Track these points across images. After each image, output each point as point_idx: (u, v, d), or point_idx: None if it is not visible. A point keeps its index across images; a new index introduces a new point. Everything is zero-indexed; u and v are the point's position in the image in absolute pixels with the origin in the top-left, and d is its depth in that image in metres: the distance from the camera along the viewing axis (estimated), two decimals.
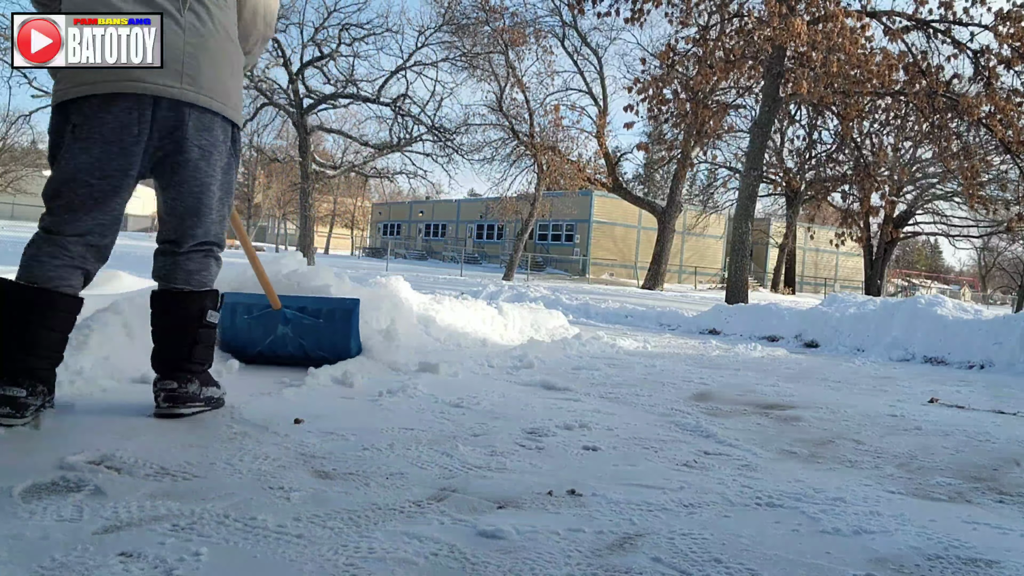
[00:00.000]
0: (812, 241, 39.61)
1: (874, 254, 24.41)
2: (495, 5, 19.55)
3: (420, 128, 19.61)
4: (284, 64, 18.99)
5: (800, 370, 4.61)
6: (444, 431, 2.22)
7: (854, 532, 1.54)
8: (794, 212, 26.93)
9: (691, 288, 29.58)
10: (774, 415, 2.91)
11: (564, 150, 21.05)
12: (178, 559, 1.18)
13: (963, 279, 54.60)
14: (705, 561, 1.33)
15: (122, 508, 1.38)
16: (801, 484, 1.88)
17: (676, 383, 3.59)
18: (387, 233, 51.73)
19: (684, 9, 12.81)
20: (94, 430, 1.91)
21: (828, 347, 6.18)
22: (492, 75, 20.48)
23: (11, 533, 1.23)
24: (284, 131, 25.98)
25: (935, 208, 27.82)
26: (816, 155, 24.14)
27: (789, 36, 10.90)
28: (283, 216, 49.34)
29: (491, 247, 41.65)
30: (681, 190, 24.56)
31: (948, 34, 12.22)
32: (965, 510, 1.77)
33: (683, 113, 13.59)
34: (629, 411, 2.77)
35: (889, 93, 12.66)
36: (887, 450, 2.38)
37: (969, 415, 3.21)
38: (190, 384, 2.15)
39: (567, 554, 1.32)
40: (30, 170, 44.77)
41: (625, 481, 1.81)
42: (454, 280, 16.45)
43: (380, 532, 1.36)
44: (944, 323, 5.74)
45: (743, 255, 13.76)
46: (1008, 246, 39.78)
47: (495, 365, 3.66)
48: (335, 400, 2.58)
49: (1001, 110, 11.42)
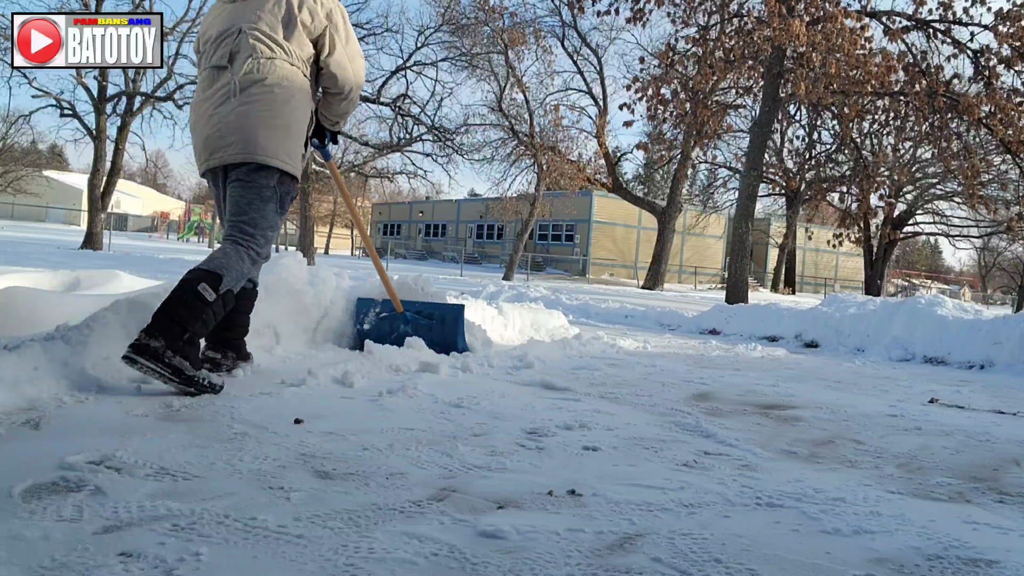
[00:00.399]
0: (812, 241, 39.62)
1: (874, 254, 24.41)
2: (495, 5, 19.56)
3: (420, 128, 19.63)
4: None
5: (800, 370, 4.61)
6: (444, 431, 2.22)
7: (854, 532, 1.54)
8: (794, 212, 26.94)
9: (691, 288, 29.59)
10: (774, 415, 2.91)
11: (564, 150, 21.06)
12: (178, 559, 1.18)
13: (963, 279, 54.60)
14: (705, 561, 1.33)
15: (122, 508, 1.38)
16: (801, 484, 1.88)
17: (676, 383, 3.59)
18: (387, 233, 51.74)
19: (686, 9, 12.81)
20: (94, 430, 1.91)
21: (828, 347, 6.19)
22: (492, 75, 20.50)
23: (11, 533, 1.23)
24: None
25: (935, 208, 27.83)
26: (816, 155, 24.17)
27: (788, 36, 10.90)
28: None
29: (491, 247, 41.65)
30: (681, 190, 24.56)
31: (948, 34, 12.22)
32: (965, 510, 1.77)
33: (683, 113, 13.59)
34: (629, 411, 2.77)
35: (889, 93, 12.65)
36: (887, 450, 2.38)
37: (969, 415, 3.21)
38: (153, 340, 2.25)
39: (567, 554, 1.32)
40: (30, 170, 44.74)
41: (625, 481, 1.81)
42: (454, 280, 16.45)
43: (380, 532, 1.36)
44: (944, 323, 5.74)
45: (743, 255, 13.76)
46: (1008, 246, 39.78)
47: (495, 365, 3.66)
48: (335, 400, 2.58)
49: (1002, 109, 11.42)
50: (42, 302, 3.21)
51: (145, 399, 2.27)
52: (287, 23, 2.72)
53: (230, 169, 2.69)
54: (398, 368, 3.27)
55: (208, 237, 34.63)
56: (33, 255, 12.89)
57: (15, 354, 2.30)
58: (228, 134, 2.63)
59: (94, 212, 20.03)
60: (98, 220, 19.98)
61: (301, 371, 2.91)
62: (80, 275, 4.77)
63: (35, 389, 2.18)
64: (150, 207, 58.06)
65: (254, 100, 2.63)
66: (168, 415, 2.15)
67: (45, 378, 2.26)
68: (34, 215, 48.30)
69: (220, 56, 2.69)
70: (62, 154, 60.80)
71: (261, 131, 2.63)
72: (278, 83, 2.66)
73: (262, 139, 2.63)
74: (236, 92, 2.63)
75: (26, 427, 1.88)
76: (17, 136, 33.95)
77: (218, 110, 2.65)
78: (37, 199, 46.17)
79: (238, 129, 2.62)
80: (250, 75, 2.64)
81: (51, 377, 2.28)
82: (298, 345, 3.60)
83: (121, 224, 43.34)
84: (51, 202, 49.11)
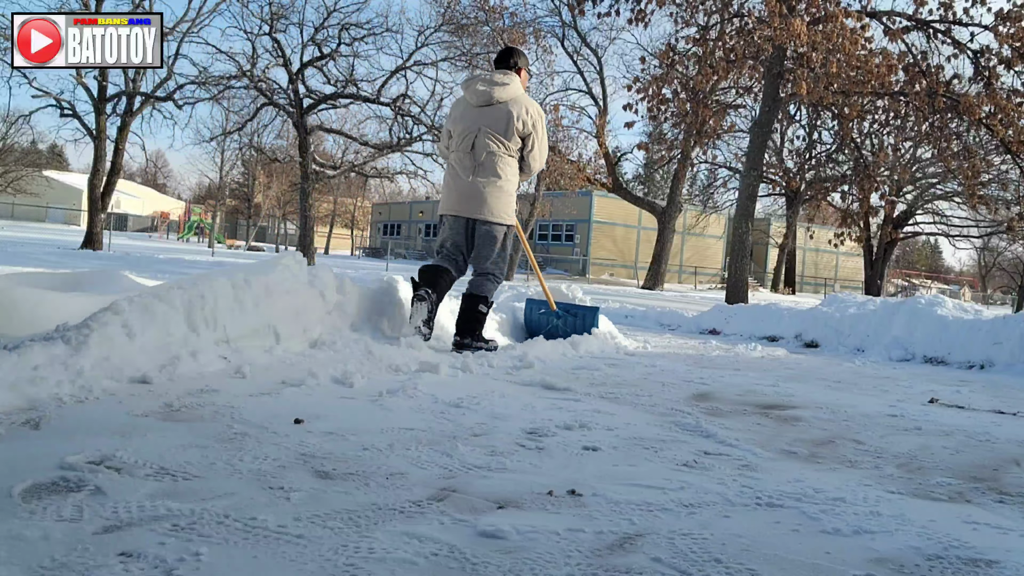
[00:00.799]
0: (812, 241, 39.63)
1: (874, 254, 24.40)
2: (494, 5, 19.55)
3: (420, 128, 19.60)
4: (284, 64, 19.00)
5: (800, 370, 4.61)
6: (444, 431, 2.22)
7: (854, 532, 1.54)
8: (794, 212, 26.93)
9: (691, 288, 29.59)
10: (774, 415, 2.91)
11: (564, 150, 21.04)
12: (178, 559, 1.18)
13: (963, 279, 54.60)
14: (705, 561, 1.33)
15: (122, 508, 1.38)
16: (801, 484, 1.88)
17: (676, 383, 3.59)
18: (387, 233, 51.71)
19: (687, 9, 12.80)
20: (94, 430, 1.91)
21: (828, 347, 6.18)
22: None
23: (11, 533, 1.23)
24: (284, 131, 25.99)
25: (935, 208, 27.81)
26: (816, 155, 24.16)
27: (789, 36, 10.89)
28: (283, 216, 49.34)
29: None
30: (681, 190, 24.56)
31: (948, 34, 12.21)
32: (965, 510, 1.77)
33: (683, 113, 13.58)
34: (629, 411, 2.77)
35: (889, 93, 12.65)
36: (887, 450, 2.38)
37: (969, 415, 3.21)
38: (465, 338, 4.13)
39: (567, 554, 1.32)
40: (30, 170, 44.75)
41: (625, 481, 1.81)
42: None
43: (380, 532, 1.36)
44: (944, 323, 5.74)
45: (743, 255, 13.76)
46: (1008, 246, 39.77)
47: (495, 365, 3.66)
48: (335, 400, 2.58)
49: (1002, 110, 11.41)
50: (42, 302, 3.21)
51: (145, 399, 2.27)
52: (507, 128, 4.17)
53: (475, 222, 4.24)
54: (398, 368, 3.27)
55: (208, 237, 34.60)
56: (33, 255, 12.89)
57: (15, 354, 2.30)
58: (472, 199, 4.18)
59: (94, 212, 20.03)
60: (98, 220, 19.98)
61: (301, 371, 2.91)
62: (80, 275, 4.77)
63: (35, 389, 2.18)
64: (150, 207, 58.06)
65: (488, 177, 4.17)
66: (168, 415, 2.15)
67: (45, 378, 2.26)
68: (34, 215, 48.30)
69: (466, 144, 4.21)
70: (62, 154, 60.87)
71: (493, 199, 4.18)
72: (502, 167, 4.20)
73: (495, 206, 4.19)
74: (476, 171, 4.18)
75: (26, 427, 1.88)
76: (17, 136, 34.01)
77: (466, 179, 4.20)
78: (37, 199, 46.19)
79: (479, 196, 4.16)
80: (485, 161, 4.17)
81: (51, 377, 2.28)
82: (298, 345, 3.60)
83: (121, 224, 43.36)
84: (51, 202, 49.13)
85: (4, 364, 2.20)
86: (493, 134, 4.15)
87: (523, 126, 4.19)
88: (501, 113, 4.16)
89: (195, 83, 19.84)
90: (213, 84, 19.40)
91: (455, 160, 4.25)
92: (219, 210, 47.81)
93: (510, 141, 4.18)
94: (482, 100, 4.20)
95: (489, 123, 4.17)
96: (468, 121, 4.22)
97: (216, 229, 36.17)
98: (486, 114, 4.18)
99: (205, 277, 3.32)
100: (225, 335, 3.16)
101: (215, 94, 19.88)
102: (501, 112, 4.16)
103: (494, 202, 4.16)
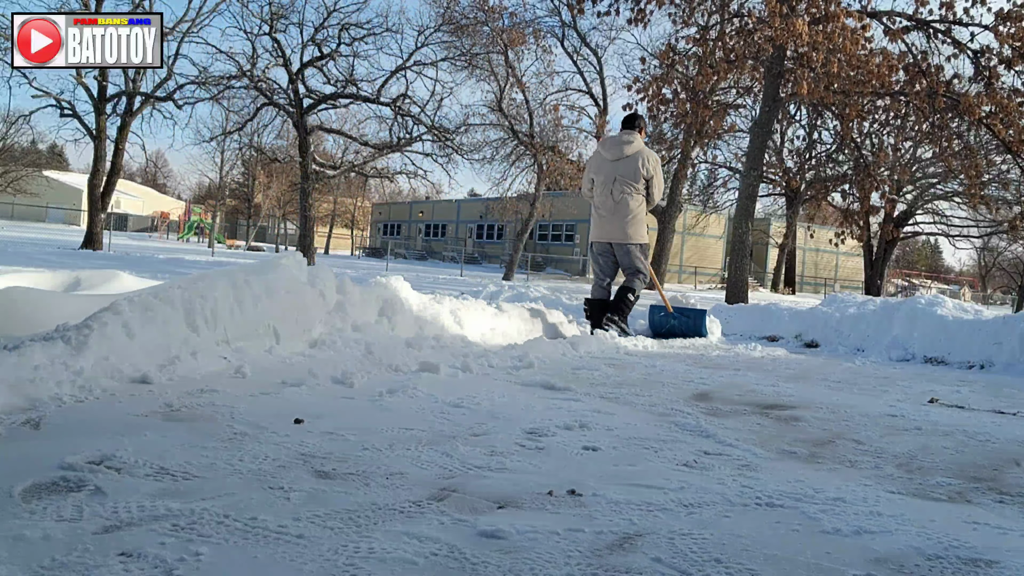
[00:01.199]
0: (812, 241, 39.58)
1: (874, 254, 24.38)
2: (494, 5, 19.54)
3: (420, 128, 19.59)
4: (284, 64, 18.98)
5: (800, 370, 4.61)
6: (444, 431, 2.22)
7: (854, 532, 1.54)
8: (794, 212, 26.91)
9: (691, 288, 29.58)
10: (774, 415, 2.91)
11: (564, 150, 21.04)
12: (178, 559, 1.18)
13: (963, 279, 54.59)
14: (705, 561, 1.33)
15: (122, 508, 1.38)
16: (801, 484, 1.88)
17: (676, 383, 3.59)
18: (387, 233, 51.73)
19: (687, 9, 12.80)
20: (94, 430, 1.91)
21: (828, 347, 6.18)
22: (492, 75, 20.46)
23: (11, 533, 1.23)
24: (284, 131, 25.97)
25: (935, 208, 27.78)
26: (816, 155, 24.14)
27: (789, 36, 10.89)
28: (283, 216, 49.33)
29: (491, 247, 41.64)
30: (681, 190, 24.52)
31: (948, 34, 12.20)
32: (965, 510, 1.77)
33: (683, 113, 13.57)
34: (629, 411, 2.77)
35: (889, 93, 12.64)
36: (887, 450, 2.38)
37: (969, 415, 3.21)
38: (610, 321, 5.64)
39: (567, 554, 1.32)
40: (30, 170, 44.76)
41: (625, 481, 1.81)
42: (454, 280, 16.45)
43: (380, 532, 1.36)
44: (944, 323, 5.74)
45: (743, 255, 13.75)
46: (1008, 246, 39.76)
47: (495, 365, 3.66)
48: (335, 400, 2.57)
49: (1003, 109, 11.40)
50: (42, 302, 3.21)
51: (145, 399, 2.27)
52: (635, 174, 5.76)
53: (616, 244, 5.87)
54: (398, 368, 3.27)
55: (208, 237, 34.59)
56: (33, 255, 12.89)
57: (15, 354, 2.30)
58: (615, 228, 5.83)
59: (94, 212, 20.03)
60: (98, 220, 19.98)
61: (301, 371, 2.91)
62: (80, 275, 4.77)
63: (35, 389, 2.18)
64: (150, 207, 58.07)
65: (624, 210, 5.77)
66: (168, 415, 2.15)
67: (45, 378, 2.26)
68: (34, 215, 48.30)
69: (606, 190, 5.80)
70: (62, 154, 60.89)
71: (627, 227, 5.80)
72: (631, 204, 5.79)
73: (628, 231, 5.81)
74: (615, 209, 5.79)
75: (26, 427, 1.88)
76: (17, 136, 34.03)
77: (609, 213, 5.83)
78: (37, 199, 46.19)
79: (619, 225, 5.80)
80: (620, 200, 5.77)
81: (51, 377, 2.28)
82: (298, 345, 3.60)
83: (121, 224, 43.35)
84: (51, 202, 49.13)
85: (4, 364, 2.20)
86: (625, 180, 5.75)
87: (647, 172, 5.79)
88: (631, 163, 5.75)
89: (195, 83, 19.84)
90: (213, 84, 19.40)
91: (599, 202, 5.88)
92: (219, 210, 47.82)
93: (638, 184, 5.76)
94: (616, 155, 5.80)
95: (622, 172, 5.75)
96: (606, 172, 5.82)
97: (216, 229, 36.16)
98: (619, 166, 5.77)
99: (205, 277, 3.32)
100: (225, 335, 3.16)
101: (215, 94, 19.87)
102: (630, 163, 5.75)
103: (628, 228, 5.81)
